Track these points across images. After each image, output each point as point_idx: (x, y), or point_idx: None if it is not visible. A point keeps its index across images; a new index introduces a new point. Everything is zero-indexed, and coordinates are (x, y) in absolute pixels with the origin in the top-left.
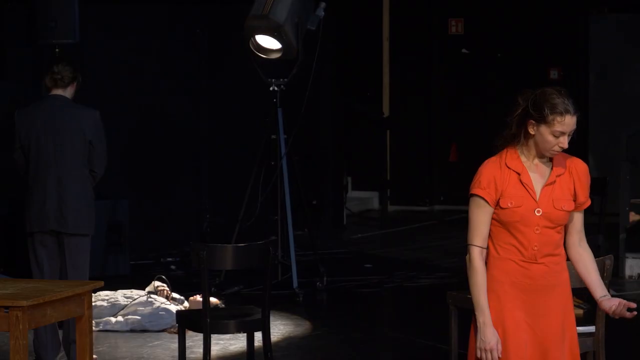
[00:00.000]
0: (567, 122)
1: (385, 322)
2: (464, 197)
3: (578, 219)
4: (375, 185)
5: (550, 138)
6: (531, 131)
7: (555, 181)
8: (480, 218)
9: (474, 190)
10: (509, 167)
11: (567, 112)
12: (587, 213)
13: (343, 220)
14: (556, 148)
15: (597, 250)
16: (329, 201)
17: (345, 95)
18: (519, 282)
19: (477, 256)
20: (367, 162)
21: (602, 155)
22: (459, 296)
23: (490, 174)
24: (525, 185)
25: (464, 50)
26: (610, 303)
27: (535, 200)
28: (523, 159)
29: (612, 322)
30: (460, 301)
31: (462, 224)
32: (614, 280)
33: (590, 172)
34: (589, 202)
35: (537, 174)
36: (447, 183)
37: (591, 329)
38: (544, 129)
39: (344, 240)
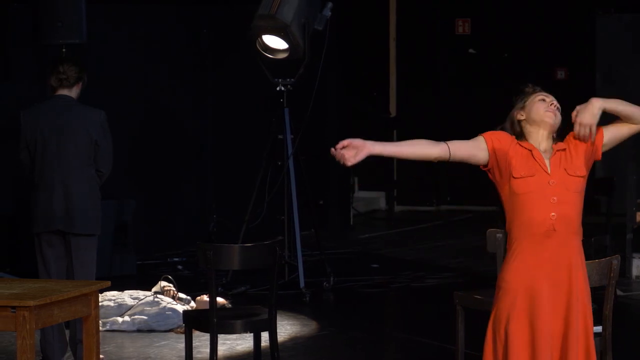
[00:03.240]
0: (543, 93)
1: (391, 322)
2: (471, 197)
3: (614, 126)
4: (381, 186)
5: (540, 103)
6: (520, 116)
7: (560, 150)
8: (468, 141)
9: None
10: (521, 145)
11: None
12: (594, 213)
13: (350, 220)
14: (551, 107)
15: (604, 251)
16: (336, 201)
17: (352, 95)
18: (538, 258)
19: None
20: (374, 162)
21: (608, 155)
22: (466, 296)
23: (501, 133)
24: (536, 159)
25: (470, 50)
26: None
27: (548, 173)
28: (530, 141)
29: (620, 322)
30: (467, 301)
31: (469, 224)
32: (621, 281)
33: (596, 172)
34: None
35: (544, 150)
36: (453, 183)
37: (598, 329)
38: (529, 102)
39: (351, 240)
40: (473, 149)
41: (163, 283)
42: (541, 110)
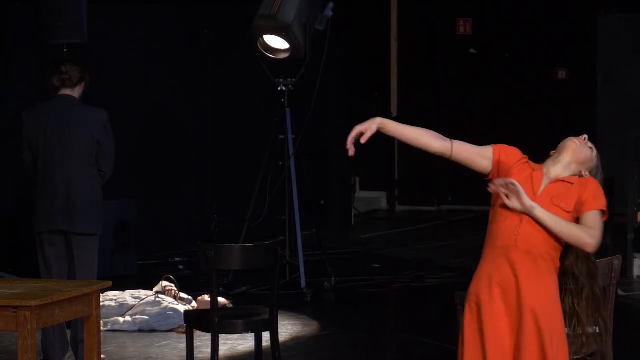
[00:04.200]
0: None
1: (392, 322)
2: (472, 197)
3: (588, 219)
4: (383, 186)
5: (571, 137)
6: (552, 153)
7: (564, 181)
8: (474, 146)
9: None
10: (529, 165)
11: None
12: None
13: (351, 220)
14: (580, 138)
15: (605, 251)
16: (337, 201)
17: (353, 95)
18: (493, 270)
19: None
20: (375, 162)
21: (609, 156)
22: None
23: (512, 148)
24: (533, 180)
25: (472, 50)
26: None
27: (535, 195)
28: (545, 170)
29: (620, 322)
30: None
31: (470, 224)
32: (622, 281)
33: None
34: (596, 206)
35: (554, 176)
36: (454, 183)
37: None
38: (561, 143)
39: (352, 240)
40: (476, 155)
41: (164, 283)
42: (568, 140)
